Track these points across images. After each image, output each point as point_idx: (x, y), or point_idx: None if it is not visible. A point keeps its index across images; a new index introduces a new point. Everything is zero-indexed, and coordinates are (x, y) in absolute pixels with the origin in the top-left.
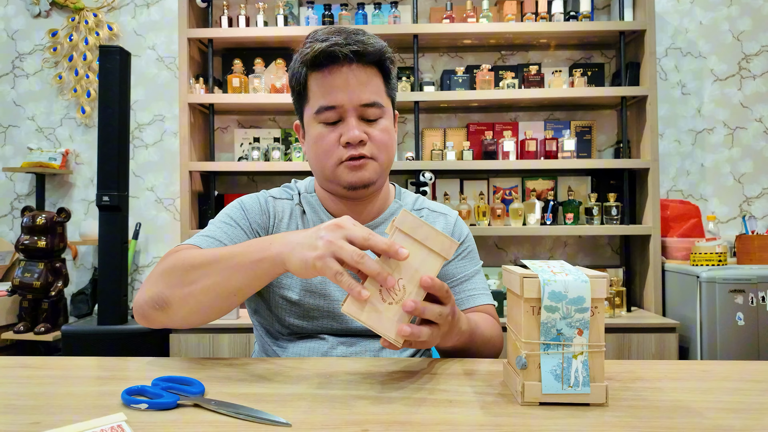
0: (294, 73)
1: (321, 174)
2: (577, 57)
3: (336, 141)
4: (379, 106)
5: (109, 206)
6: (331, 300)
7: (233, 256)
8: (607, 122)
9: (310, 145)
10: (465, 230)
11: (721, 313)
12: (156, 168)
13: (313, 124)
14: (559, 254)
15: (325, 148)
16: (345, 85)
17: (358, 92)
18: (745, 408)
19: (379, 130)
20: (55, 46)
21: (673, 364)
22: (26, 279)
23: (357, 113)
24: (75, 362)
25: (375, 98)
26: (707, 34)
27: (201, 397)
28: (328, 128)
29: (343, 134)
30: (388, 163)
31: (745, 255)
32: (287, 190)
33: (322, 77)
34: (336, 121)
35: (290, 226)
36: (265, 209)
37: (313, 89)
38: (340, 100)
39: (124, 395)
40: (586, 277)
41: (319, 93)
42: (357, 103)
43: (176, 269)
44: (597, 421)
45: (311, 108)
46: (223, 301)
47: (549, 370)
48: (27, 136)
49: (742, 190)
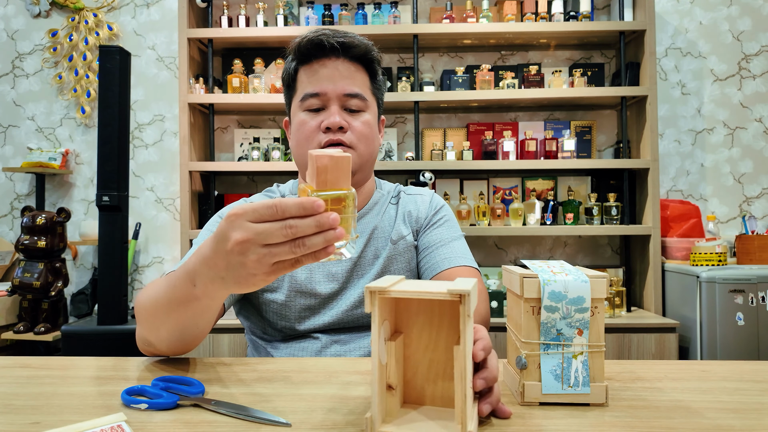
0: (285, 67)
1: (302, 160)
2: (577, 57)
3: (317, 127)
4: (363, 99)
5: (109, 206)
6: (321, 297)
7: (169, 301)
8: (607, 122)
9: (294, 133)
10: (440, 202)
11: (721, 313)
12: (156, 168)
13: (298, 113)
14: (559, 254)
15: (306, 133)
16: (330, 75)
17: (343, 82)
18: (745, 408)
19: (361, 122)
20: (55, 46)
21: (673, 364)
22: (26, 279)
23: (340, 102)
24: (75, 362)
25: (359, 90)
26: (707, 34)
27: (201, 397)
28: (311, 115)
29: (324, 120)
30: (368, 157)
31: (745, 255)
32: (269, 194)
33: (311, 69)
34: (319, 108)
35: None
36: None
37: (301, 80)
38: (324, 88)
39: (124, 395)
40: (586, 277)
41: (306, 82)
42: (340, 92)
43: (141, 313)
44: (597, 421)
45: (298, 96)
46: (193, 332)
47: (549, 370)
48: (27, 136)
49: (742, 190)
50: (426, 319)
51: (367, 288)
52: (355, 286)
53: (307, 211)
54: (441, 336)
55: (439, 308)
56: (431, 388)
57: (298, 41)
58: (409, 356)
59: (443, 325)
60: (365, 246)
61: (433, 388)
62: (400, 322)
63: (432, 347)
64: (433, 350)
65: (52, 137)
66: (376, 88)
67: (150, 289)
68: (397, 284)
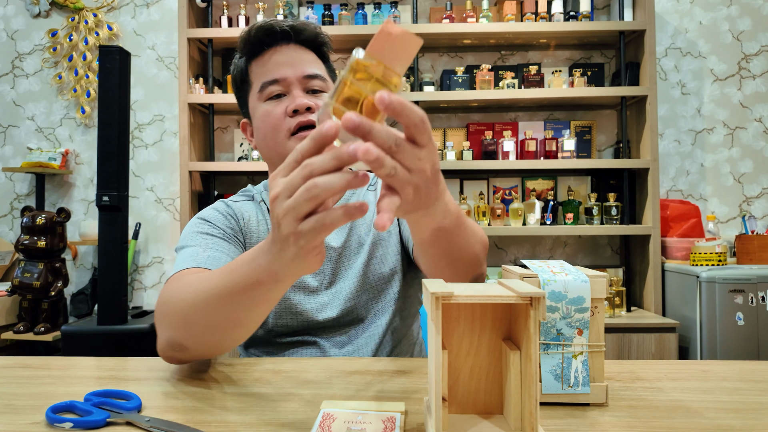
0: (235, 66)
1: (274, 152)
2: (577, 57)
3: (282, 113)
4: (323, 79)
5: (109, 206)
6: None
7: (228, 290)
8: (607, 122)
9: (258, 127)
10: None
11: (721, 313)
12: (156, 168)
13: (258, 105)
14: (558, 254)
15: (273, 122)
16: (286, 60)
17: (300, 65)
18: (745, 408)
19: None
20: (55, 46)
21: (673, 364)
22: (26, 279)
23: (302, 85)
24: (75, 362)
25: (318, 71)
26: (707, 34)
27: (135, 413)
28: (273, 103)
29: (289, 105)
30: None
31: (745, 255)
32: (244, 193)
33: (263, 59)
34: (280, 95)
35: (260, 225)
36: (228, 213)
37: (255, 72)
38: (283, 73)
39: (48, 413)
40: (586, 277)
41: (262, 72)
42: (300, 75)
43: (175, 314)
44: (597, 421)
45: (255, 90)
46: (237, 331)
47: (549, 370)
48: (27, 136)
49: (742, 190)
50: (467, 323)
51: (432, 293)
52: (344, 278)
53: (317, 143)
54: (483, 339)
55: (481, 310)
56: (473, 395)
57: (246, 32)
58: (450, 363)
59: (485, 327)
60: (348, 236)
61: (475, 396)
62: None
63: (474, 352)
64: (474, 355)
65: (52, 137)
66: (330, 71)
67: (187, 287)
68: (459, 288)
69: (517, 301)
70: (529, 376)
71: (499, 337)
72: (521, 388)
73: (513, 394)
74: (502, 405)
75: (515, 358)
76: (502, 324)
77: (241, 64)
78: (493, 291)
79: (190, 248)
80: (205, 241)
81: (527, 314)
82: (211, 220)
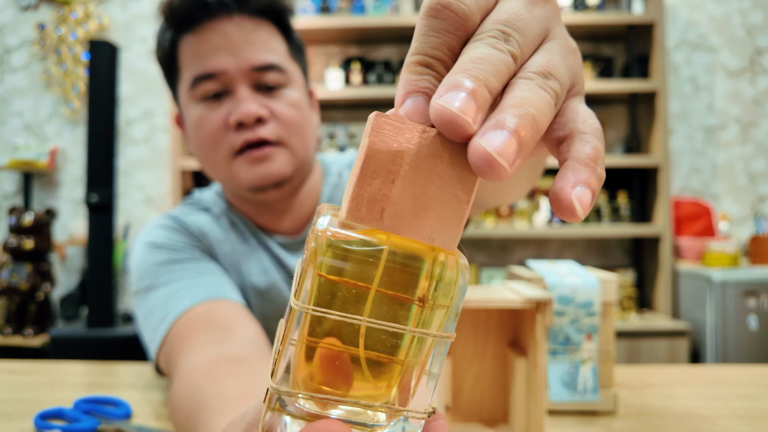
0: (158, 40)
1: (212, 173)
2: (585, 50)
3: (223, 123)
4: (281, 70)
5: (98, 205)
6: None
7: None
8: (617, 118)
9: (192, 136)
10: None
11: (734, 317)
12: (145, 165)
13: (190, 105)
14: (566, 255)
15: (210, 135)
16: (226, 43)
17: (246, 51)
18: (758, 414)
19: (286, 103)
20: (44, 39)
21: (684, 369)
22: (13, 281)
23: (249, 81)
24: (63, 367)
25: (272, 58)
26: (718, 27)
27: (125, 421)
28: (209, 106)
29: (231, 112)
30: (305, 151)
31: (758, 256)
32: (194, 204)
33: (195, 38)
34: (220, 93)
35: (225, 245)
36: (182, 229)
37: (184, 56)
38: (222, 64)
39: (37, 420)
40: (595, 280)
41: (192, 59)
42: (246, 66)
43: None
44: (606, 430)
45: (185, 82)
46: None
47: (556, 377)
48: (14, 132)
49: (755, 188)
50: (471, 328)
51: None
52: None
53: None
54: (488, 345)
55: (486, 315)
56: (477, 404)
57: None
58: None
59: (490, 333)
60: None
61: (480, 404)
62: None
63: (478, 358)
64: (479, 361)
65: (41, 134)
66: (295, 51)
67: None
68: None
69: (523, 306)
70: (535, 384)
71: (505, 342)
72: (527, 396)
73: (519, 402)
74: (508, 414)
75: (521, 364)
76: (507, 329)
77: (165, 42)
78: (499, 295)
79: (163, 288)
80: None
81: (534, 319)
82: (167, 244)
